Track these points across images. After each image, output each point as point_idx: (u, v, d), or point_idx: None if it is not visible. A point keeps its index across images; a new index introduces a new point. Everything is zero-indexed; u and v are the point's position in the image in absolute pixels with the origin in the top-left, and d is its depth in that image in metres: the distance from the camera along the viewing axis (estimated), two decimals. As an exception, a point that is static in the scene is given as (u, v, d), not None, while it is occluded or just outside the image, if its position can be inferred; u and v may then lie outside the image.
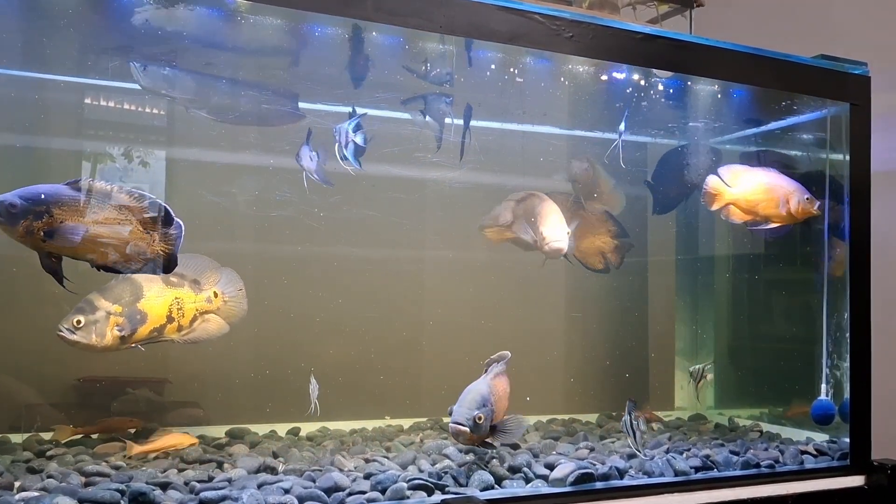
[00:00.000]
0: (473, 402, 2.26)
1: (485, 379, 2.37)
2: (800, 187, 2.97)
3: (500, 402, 2.36)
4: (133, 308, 2.28)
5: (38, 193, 1.97)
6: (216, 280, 2.49)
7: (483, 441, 2.33)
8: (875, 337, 2.95)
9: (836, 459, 2.90)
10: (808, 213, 2.94)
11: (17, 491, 1.98)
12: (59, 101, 2.71)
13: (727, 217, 3.03)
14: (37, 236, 1.96)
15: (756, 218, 2.98)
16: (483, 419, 2.24)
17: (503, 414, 2.38)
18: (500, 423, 2.33)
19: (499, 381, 2.40)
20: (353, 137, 2.54)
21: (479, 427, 2.24)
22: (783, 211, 2.92)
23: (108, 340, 2.22)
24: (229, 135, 2.76)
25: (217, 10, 2.37)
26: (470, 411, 2.23)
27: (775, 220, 2.95)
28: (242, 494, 1.99)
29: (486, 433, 2.29)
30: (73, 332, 2.19)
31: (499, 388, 2.37)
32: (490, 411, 2.28)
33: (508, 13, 2.42)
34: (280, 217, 2.88)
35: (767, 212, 2.95)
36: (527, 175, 3.31)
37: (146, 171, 2.82)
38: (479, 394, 2.29)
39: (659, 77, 2.93)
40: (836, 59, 2.98)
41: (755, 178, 3.01)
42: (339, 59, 2.57)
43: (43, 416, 2.61)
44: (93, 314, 2.23)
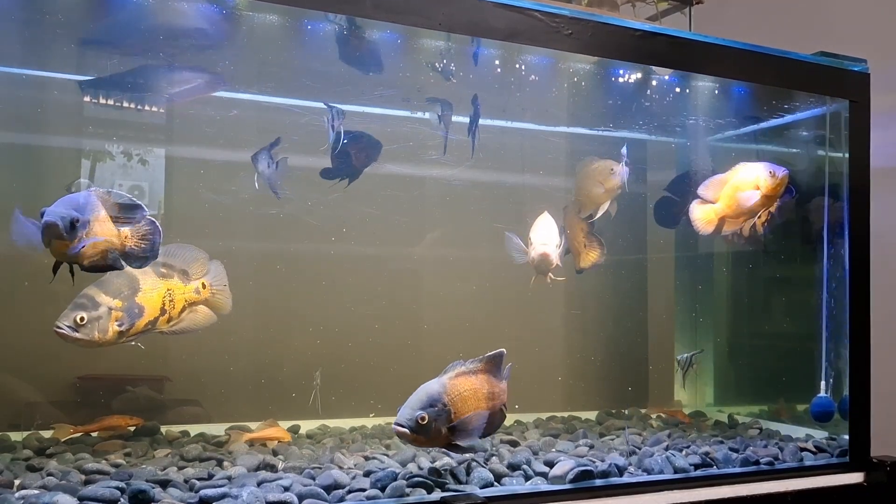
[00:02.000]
0: (418, 403, 2.13)
1: (439, 378, 2.23)
2: (762, 166, 2.95)
3: (464, 402, 2.21)
4: (132, 302, 2.24)
5: (84, 204, 2.00)
6: (204, 271, 2.45)
7: (448, 444, 2.21)
8: (874, 333, 2.95)
9: (835, 456, 2.90)
10: (777, 186, 2.91)
11: (17, 489, 1.98)
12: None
13: (726, 232, 3.02)
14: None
15: (745, 220, 2.97)
16: (427, 420, 2.10)
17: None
18: (460, 423, 2.19)
19: (463, 380, 2.25)
20: (274, 163, 2.56)
21: (425, 428, 2.10)
22: (759, 197, 2.91)
23: (109, 336, 2.18)
24: (229, 135, 2.76)
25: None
26: (412, 412, 2.11)
27: (758, 207, 2.94)
28: (242, 492, 1.99)
29: (439, 435, 2.15)
30: (76, 329, 2.12)
31: (461, 387, 2.22)
32: (440, 412, 2.14)
33: (507, 10, 2.42)
34: (279, 216, 2.88)
35: (749, 207, 2.94)
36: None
37: (145, 168, 2.82)
38: (425, 394, 2.16)
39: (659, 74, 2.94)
40: (836, 55, 2.98)
41: (729, 184, 3.00)
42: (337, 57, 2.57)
43: (43, 414, 2.61)
44: (95, 310, 2.17)
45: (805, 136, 3.36)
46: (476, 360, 2.31)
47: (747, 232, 3.03)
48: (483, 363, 2.31)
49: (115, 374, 2.76)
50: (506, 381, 2.39)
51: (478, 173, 3.18)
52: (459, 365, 2.28)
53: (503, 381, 2.37)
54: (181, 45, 2.53)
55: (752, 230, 3.02)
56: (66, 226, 1.91)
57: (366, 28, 2.47)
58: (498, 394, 2.33)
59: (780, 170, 2.91)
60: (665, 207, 3.40)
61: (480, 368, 2.30)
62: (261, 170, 2.60)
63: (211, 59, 2.63)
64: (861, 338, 2.93)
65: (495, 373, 2.34)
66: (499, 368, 2.36)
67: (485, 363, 2.32)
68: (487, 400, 2.28)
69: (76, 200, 1.97)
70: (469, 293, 3.29)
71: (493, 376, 2.33)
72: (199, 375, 2.88)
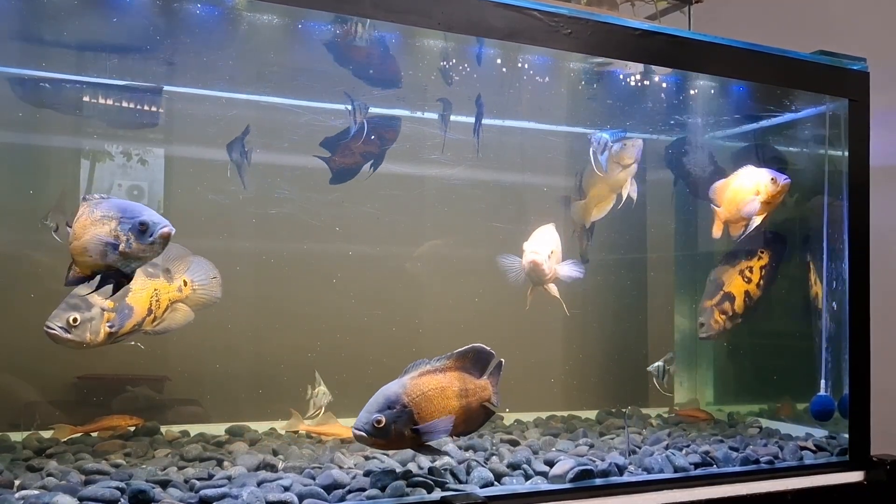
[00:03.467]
0: (375, 405, 2.09)
1: (399, 379, 2.17)
2: (764, 172, 2.96)
3: (429, 402, 2.14)
4: (122, 302, 2.22)
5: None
6: (185, 268, 2.43)
7: (416, 445, 2.17)
8: (874, 332, 2.95)
9: (835, 455, 2.90)
10: (777, 193, 2.93)
11: (17, 489, 1.98)
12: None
13: (732, 237, 3.03)
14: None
15: (745, 223, 2.97)
16: (385, 422, 2.06)
17: (441, 414, 2.17)
18: (424, 423, 2.12)
19: (428, 378, 2.17)
20: (245, 152, 2.57)
21: (384, 431, 2.06)
22: (758, 203, 2.92)
23: (100, 338, 2.16)
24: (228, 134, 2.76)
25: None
26: (369, 415, 2.07)
27: (758, 213, 2.94)
28: (242, 492, 1.99)
29: (402, 437, 2.11)
30: (68, 330, 2.10)
31: (425, 386, 2.15)
32: (399, 413, 2.08)
33: (507, 9, 2.41)
34: (278, 215, 2.88)
35: (749, 211, 2.94)
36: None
37: (145, 168, 2.82)
38: (383, 396, 2.11)
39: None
40: (835, 54, 2.98)
41: (730, 188, 3.02)
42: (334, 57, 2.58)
43: (43, 414, 2.61)
44: (88, 311, 2.15)
45: (804, 135, 3.36)
46: (443, 357, 2.24)
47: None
48: (453, 360, 2.24)
49: (114, 374, 2.76)
50: (489, 377, 2.30)
51: (478, 173, 3.18)
52: (423, 364, 2.21)
53: (484, 377, 2.29)
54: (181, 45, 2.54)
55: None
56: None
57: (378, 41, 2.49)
58: (474, 391, 2.25)
59: (781, 177, 2.92)
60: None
61: (449, 366, 2.23)
62: (234, 159, 2.61)
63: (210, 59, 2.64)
64: (861, 336, 2.93)
65: (470, 369, 2.27)
66: (475, 365, 2.28)
67: (455, 360, 2.24)
68: (459, 398, 2.21)
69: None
70: (470, 292, 3.29)
71: (468, 373, 2.26)
72: (199, 375, 2.88)
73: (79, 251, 1.95)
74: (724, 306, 3.15)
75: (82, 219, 1.97)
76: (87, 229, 1.94)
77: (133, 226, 1.91)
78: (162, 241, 1.91)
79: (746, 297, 3.17)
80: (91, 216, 1.95)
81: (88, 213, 1.96)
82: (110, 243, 1.92)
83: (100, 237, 1.92)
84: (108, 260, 1.93)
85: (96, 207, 1.96)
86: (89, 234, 1.93)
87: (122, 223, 1.92)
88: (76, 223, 1.98)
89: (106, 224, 1.93)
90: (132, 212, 1.94)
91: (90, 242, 1.93)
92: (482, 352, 2.29)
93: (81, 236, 1.95)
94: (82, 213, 1.98)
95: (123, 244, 1.91)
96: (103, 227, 1.93)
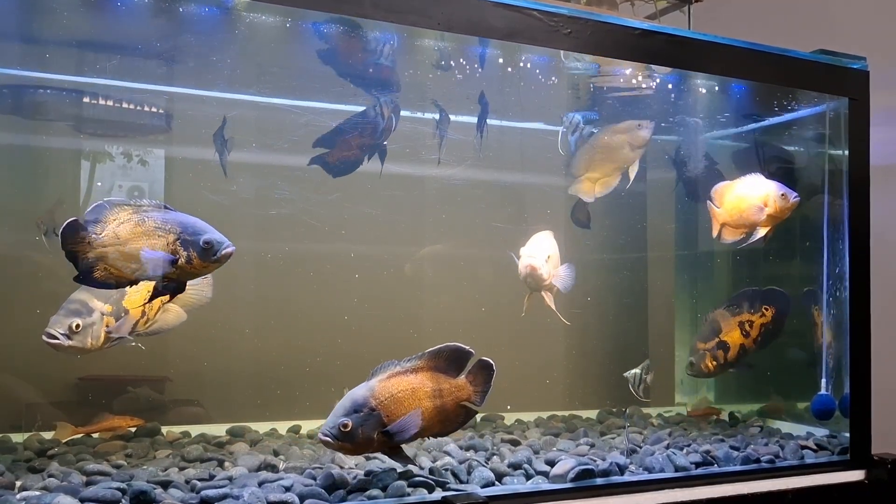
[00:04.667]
0: (341, 410, 2.06)
1: (367, 382, 2.13)
2: (775, 186, 2.95)
3: (398, 404, 2.11)
4: (119, 306, 2.20)
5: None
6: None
7: (386, 448, 2.14)
8: (875, 331, 2.95)
9: (836, 454, 2.90)
10: (785, 209, 2.93)
11: (18, 490, 1.98)
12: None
13: (723, 240, 3.02)
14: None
15: (745, 232, 2.97)
16: (351, 427, 2.03)
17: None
18: (394, 426, 2.09)
19: (398, 380, 2.14)
20: (226, 142, 2.59)
21: (350, 435, 2.03)
22: (764, 215, 2.92)
23: (100, 343, 2.13)
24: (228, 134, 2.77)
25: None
26: (335, 419, 2.04)
27: (763, 225, 2.94)
28: (243, 492, 1.99)
29: (370, 441, 2.08)
30: (70, 337, 2.06)
31: (394, 388, 2.12)
32: (367, 417, 2.05)
33: (506, 9, 2.42)
34: (279, 215, 2.88)
35: (751, 220, 2.94)
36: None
37: (145, 169, 2.82)
38: (350, 400, 2.08)
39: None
40: (835, 53, 2.98)
41: (735, 192, 3.01)
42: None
43: (44, 415, 2.61)
44: (90, 316, 2.11)
45: (804, 134, 3.36)
46: (414, 357, 2.19)
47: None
48: (425, 360, 2.20)
49: (116, 375, 2.76)
50: (468, 375, 2.26)
51: (480, 172, 3.18)
52: (392, 365, 2.17)
53: (461, 376, 2.25)
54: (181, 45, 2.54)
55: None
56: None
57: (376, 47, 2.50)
58: (450, 390, 2.21)
59: (792, 194, 2.92)
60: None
61: (421, 366, 2.19)
62: (217, 148, 2.61)
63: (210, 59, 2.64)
64: (861, 335, 2.93)
65: (445, 369, 2.22)
66: (451, 364, 2.23)
67: (427, 360, 2.20)
68: (432, 398, 2.17)
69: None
70: (470, 292, 3.29)
71: (443, 373, 2.22)
72: (200, 376, 2.88)
73: (122, 257, 1.93)
74: (717, 353, 3.14)
75: (128, 225, 1.95)
76: (138, 238, 1.93)
77: (196, 244, 1.92)
78: (223, 261, 1.93)
79: (741, 350, 3.17)
80: (142, 225, 1.94)
81: (138, 221, 1.94)
82: (168, 258, 1.92)
83: (154, 250, 1.92)
84: (161, 272, 1.94)
85: (147, 216, 1.95)
86: (140, 243, 1.93)
87: (182, 239, 1.92)
88: (117, 227, 1.95)
89: (162, 237, 1.93)
90: (194, 228, 1.95)
91: (143, 253, 1.93)
92: (458, 350, 2.24)
93: (127, 242, 1.93)
94: (128, 219, 1.96)
95: (183, 259, 1.92)
96: (159, 240, 1.93)
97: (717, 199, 3.02)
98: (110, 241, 1.95)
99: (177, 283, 1.99)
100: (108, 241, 1.95)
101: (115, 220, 1.96)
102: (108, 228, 1.96)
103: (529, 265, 2.69)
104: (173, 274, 1.96)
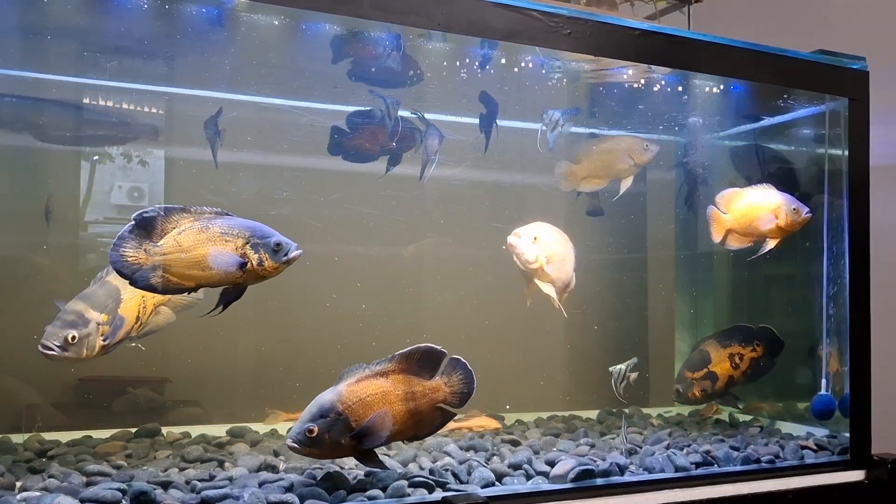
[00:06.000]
0: (308, 415, 2.04)
1: (334, 387, 2.10)
2: (787, 199, 2.95)
3: (367, 408, 2.07)
4: (115, 314, 2.18)
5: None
6: None
7: (357, 453, 2.12)
8: (875, 331, 2.95)
9: (836, 454, 2.90)
10: (796, 223, 2.93)
11: (18, 491, 1.98)
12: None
13: (728, 246, 3.01)
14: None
15: (752, 241, 2.97)
16: (317, 432, 2.01)
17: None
18: (361, 427, 2.06)
19: (367, 384, 2.10)
20: (219, 132, 2.60)
21: (317, 441, 2.02)
22: (773, 226, 2.92)
23: (95, 353, 2.11)
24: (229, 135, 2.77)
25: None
26: (301, 425, 2.02)
27: (771, 236, 2.94)
28: (244, 493, 1.99)
29: (338, 445, 2.06)
30: (66, 348, 2.04)
31: (363, 392, 2.08)
32: (334, 421, 2.03)
33: (506, 10, 2.42)
34: (279, 215, 2.88)
35: (760, 231, 2.94)
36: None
37: (145, 169, 2.83)
38: (316, 405, 2.06)
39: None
40: (835, 54, 2.98)
41: (745, 199, 3.00)
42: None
43: (44, 416, 2.61)
44: (86, 327, 2.08)
45: (804, 134, 3.36)
46: (384, 360, 2.16)
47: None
48: (395, 362, 2.16)
49: (116, 376, 2.76)
50: (443, 377, 2.22)
51: (479, 172, 3.18)
52: (361, 368, 2.14)
53: (436, 378, 2.21)
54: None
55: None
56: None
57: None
58: (423, 393, 2.17)
59: (805, 210, 2.92)
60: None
61: (392, 369, 2.15)
62: (208, 137, 2.62)
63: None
64: (861, 335, 2.93)
65: (418, 371, 2.18)
66: (424, 366, 2.19)
67: (398, 362, 2.16)
68: (404, 401, 2.14)
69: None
70: (471, 292, 3.29)
71: (416, 375, 2.18)
72: (201, 376, 2.88)
73: (187, 264, 1.95)
74: (704, 384, 3.14)
75: (191, 232, 1.96)
76: (202, 245, 1.95)
77: (267, 246, 1.98)
78: (291, 262, 1.99)
79: (729, 381, 3.17)
80: (206, 232, 1.96)
81: (201, 228, 1.96)
82: (238, 261, 1.96)
83: (226, 254, 1.95)
84: (230, 277, 1.97)
85: (211, 223, 1.98)
86: (206, 249, 1.95)
87: (252, 243, 1.97)
88: (178, 235, 1.96)
89: (230, 241, 1.97)
90: (263, 232, 2.00)
91: (213, 258, 1.95)
92: (431, 352, 2.19)
93: (191, 250, 1.95)
94: (190, 227, 1.97)
95: (254, 263, 1.96)
96: (227, 245, 1.96)
97: (724, 205, 3.01)
98: (171, 250, 1.96)
99: (239, 288, 2.02)
100: (168, 250, 1.96)
101: (173, 227, 1.98)
102: (168, 237, 1.97)
103: (509, 242, 2.60)
104: (240, 278, 1.99)
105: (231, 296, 2.03)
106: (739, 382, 3.19)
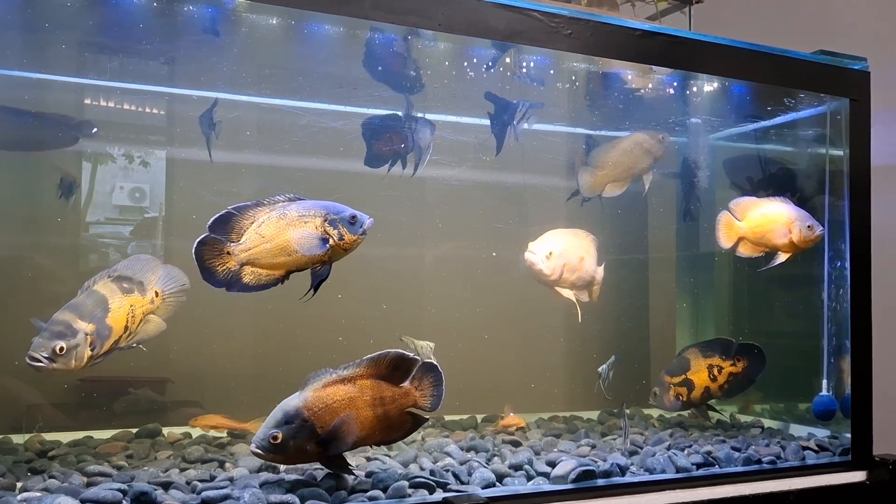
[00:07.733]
0: (272, 421, 2.01)
1: (300, 392, 2.06)
2: (802, 215, 2.96)
3: (334, 414, 2.05)
4: (102, 324, 2.15)
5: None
6: (156, 278, 2.37)
7: (328, 459, 2.11)
8: (876, 331, 2.95)
9: (837, 455, 2.90)
10: (809, 240, 2.94)
11: (19, 491, 1.98)
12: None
13: (740, 253, 3.01)
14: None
15: (763, 251, 2.97)
16: (282, 438, 1.99)
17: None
18: (326, 433, 2.04)
19: (333, 389, 2.07)
20: (214, 124, 2.61)
21: (282, 447, 2.00)
22: (786, 240, 2.93)
23: (84, 363, 2.07)
24: (228, 135, 2.77)
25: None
26: (266, 431, 2.00)
27: (783, 250, 2.95)
28: (244, 493, 1.99)
29: (304, 451, 2.04)
30: (54, 360, 2.01)
31: (329, 397, 2.05)
32: (299, 428, 2.01)
33: (507, 10, 2.42)
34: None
35: (773, 243, 2.95)
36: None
37: (146, 170, 2.83)
38: (281, 411, 2.03)
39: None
40: (836, 54, 2.98)
41: (761, 210, 3.01)
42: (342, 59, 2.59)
43: (45, 416, 2.61)
44: (74, 338, 2.04)
45: (805, 135, 3.36)
46: (351, 364, 2.12)
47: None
48: (363, 367, 2.12)
49: (117, 376, 2.76)
50: (413, 382, 2.18)
51: (479, 173, 3.18)
52: (327, 373, 2.10)
53: (406, 383, 2.18)
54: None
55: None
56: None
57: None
58: (392, 398, 2.14)
59: (818, 228, 2.93)
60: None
61: (360, 374, 2.12)
62: (203, 131, 2.63)
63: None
64: (862, 336, 2.93)
65: (388, 376, 2.15)
66: (394, 371, 2.15)
67: (366, 367, 2.12)
68: (372, 407, 2.11)
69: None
70: (471, 292, 3.29)
71: (385, 380, 2.15)
72: (201, 376, 2.88)
73: (274, 253, 2.01)
74: (680, 390, 3.14)
75: (270, 222, 2.02)
76: (284, 230, 2.01)
77: (344, 220, 2.05)
78: (367, 232, 2.05)
79: (705, 392, 3.15)
80: (284, 218, 2.02)
81: (279, 216, 2.02)
82: (321, 238, 2.02)
83: (308, 234, 2.02)
84: (316, 256, 2.03)
85: (287, 209, 2.04)
86: (289, 234, 2.01)
87: (329, 220, 2.04)
88: (258, 228, 2.02)
89: (309, 222, 2.03)
90: (337, 208, 2.07)
91: (297, 241, 2.02)
92: (400, 358, 2.16)
93: (275, 238, 2.01)
94: (267, 218, 2.03)
95: (335, 238, 2.03)
96: (307, 225, 2.03)
97: (739, 213, 3.01)
98: (255, 243, 2.03)
99: (327, 266, 2.08)
100: (252, 244, 2.03)
101: (251, 222, 2.04)
102: (249, 232, 2.03)
103: (528, 260, 2.70)
104: (325, 256, 2.06)
105: (321, 276, 2.08)
106: (716, 395, 3.18)
